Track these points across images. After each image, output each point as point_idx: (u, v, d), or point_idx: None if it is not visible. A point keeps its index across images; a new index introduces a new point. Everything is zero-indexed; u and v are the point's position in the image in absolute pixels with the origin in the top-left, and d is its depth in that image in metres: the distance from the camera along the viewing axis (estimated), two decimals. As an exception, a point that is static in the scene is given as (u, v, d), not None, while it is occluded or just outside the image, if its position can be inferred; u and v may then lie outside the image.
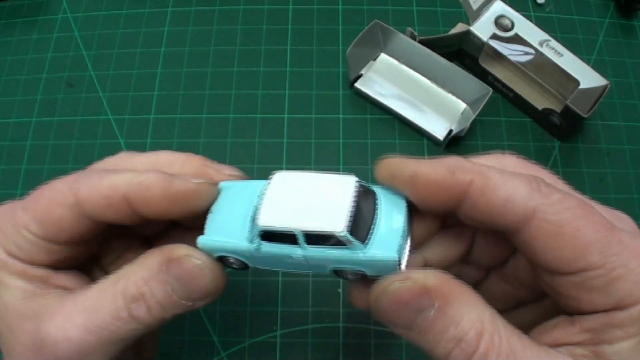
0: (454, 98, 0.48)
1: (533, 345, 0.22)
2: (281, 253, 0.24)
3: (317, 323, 0.42)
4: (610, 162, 0.47)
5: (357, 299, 0.27)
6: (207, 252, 0.25)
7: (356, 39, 0.46)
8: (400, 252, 0.23)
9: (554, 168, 0.46)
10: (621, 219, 0.25)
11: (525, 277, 0.26)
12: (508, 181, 0.22)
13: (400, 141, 0.47)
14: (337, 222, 0.23)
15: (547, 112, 0.46)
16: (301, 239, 0.23)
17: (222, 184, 0.27)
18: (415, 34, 0.46)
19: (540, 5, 0.53)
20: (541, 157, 0.47)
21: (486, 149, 0.47)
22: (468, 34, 0.46)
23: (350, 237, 0.23)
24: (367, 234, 0.23)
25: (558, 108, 0.45)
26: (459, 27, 0.48)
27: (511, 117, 0.48)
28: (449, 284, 0.22)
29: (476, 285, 0.28)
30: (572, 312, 0.23)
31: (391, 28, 0.47)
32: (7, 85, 0.50)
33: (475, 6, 0.46)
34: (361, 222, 0.23)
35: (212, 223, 0.26)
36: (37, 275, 0.26)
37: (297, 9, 0.53)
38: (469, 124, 0.45)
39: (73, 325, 0.24)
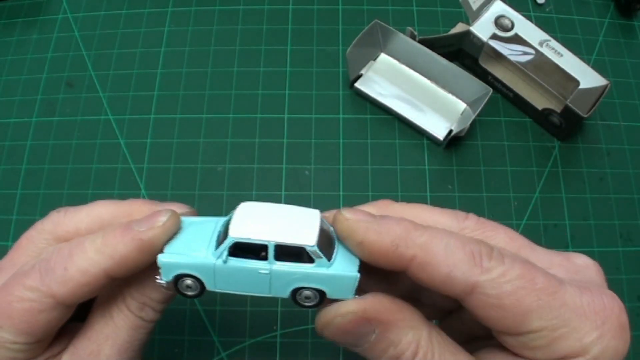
0: (454, 98, 0.48)
1: None
2: (248, 267, 0.25)
3: (317, 323, 0.42)
4: (610, 162, 0.47)
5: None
6: (166, 270, 0.25)
7: (356, 39, 0.46)
8: (360, 272, 0.25)
9: (554, 168, 0.46)
10: (580, 269, 0.26)
11: (477, 320, 0.28)
12: (450, 256, 0.23)
13: (400, 141, 0.47)
14: (309, 237, 0.24)
15: (547, 112, 0.46)
16: (271, 252, 0.24)
17: (184, 220, 0.27)
18: (415, 33, 0.46)
19: (540, 5, 0.53)
20: (541, 157, 0.47)
21: (486, 149, 0.47)
22: (468, 34, 0.46)
23: (319, 252, 0.24)
24: (331, 254, 0.25)
25: (558, 108, 0.45)
26: (459, 27, 0.48)
27: (511, 117, 0.48)
28: (388, 311, 0.24)
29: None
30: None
31: (391, 28, 0.47)
32: (7, 85, 0.50)
33: (475, 6, 0.46)
34: (325, 244, 0.25)
35: (172, 246, 0.25)
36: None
37: (297, 9, 0.53)
38: (469, 124, 0.45)
39: (107, 357, 0.26)
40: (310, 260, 0.24)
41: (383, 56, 0.50)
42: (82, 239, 0.26)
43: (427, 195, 0.45)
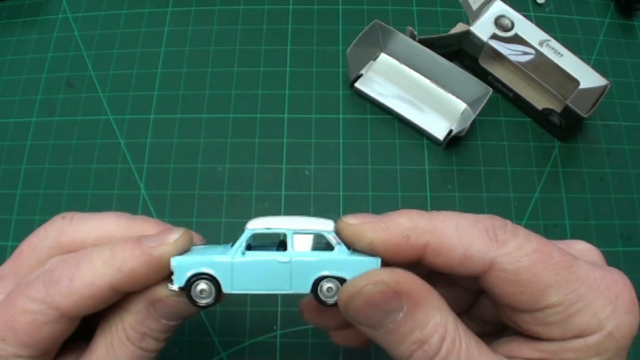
0: (454, 98, 0.48)
1: (489, 352, 0.24)
2: (267, 259, 0.24)
3: (317, 323, 0.42)
4: (610, 162, 0.47)
5: (308, 315, 0.29)
6: (180, 272, 0.24)
7: (356, 39, 0.46)
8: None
9: (554, 168, 0.46)
10: (582, 253, 0.26)
11: (488, 317, 0.28)
12: (464, 236, 0.23)
13: (400, 141, 0.47)
14: (326, 225, 0.25)
15: (547, 112, 0.46)
16: (290, 241, 0.24)
17: (192, 247, 0.27)
18: (415, 33, 0.46)
19: (540, 5, 0.53)
20: (541, 157, 0.47)
21: (486, 149, 0.47)
22: (468, 34, 0.46)
23: (338, 237, 0.24)
24: (350, 247, 0.25)
25: (558, 108, 0.45)
26: (459, 27, 0.48)
27: (511, 117, 0.48)
28: (418, 288, 0.23)
29: None
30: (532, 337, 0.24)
31: (391, 28, 0.47)
32: (7, 85, 0.50)
33: (475, 6, 0.46)
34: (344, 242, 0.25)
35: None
36: None
37: (297, 9, 0.53)
38: (469, 124, 0.45)
39: None
40: (330, 247, 0.24)
41: (383, 56, 0.50)
42: (89, 250, 0.25)
43: (427, 195, 0.45)
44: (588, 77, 0.43)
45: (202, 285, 0.24)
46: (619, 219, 0.45)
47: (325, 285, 0.24)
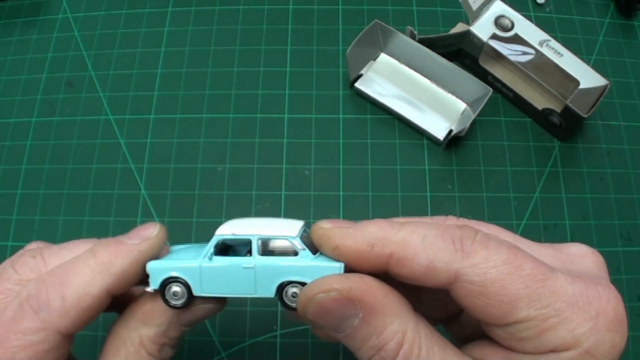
0: (454, 98, 0.48)
1: (455, 357, 0.23)
2: (233, 264, 0.25)
3: (317, 323, 0.42)
4: (610, 162, 0.47)
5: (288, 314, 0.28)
6: (155, 276, 0.25)
7: (356, 39, 0.46)
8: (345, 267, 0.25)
9: (554, 168, 0.46)
10: (575, 260, 0.25)
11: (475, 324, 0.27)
12: (429, 247, 0.23)
13: (400, 141, 0.47)
14: (291, 230, 0.25)
15: (547, 112, 0.46)
16: (255, 247, 0.25)
17: (172, 248, 0.29)
18: (415, 33, 0.46)
19: (540, 5, 0.53)
20: (541, 157, 0.47)
21: (486, 149, 0.47)
22: (468, 34, 0.46)
23: (301, 242, 0.25)
24: (316, 251, 0.25)
25: (558, 108, 0.45)
26: (459, 27, 0.48)
27: (511, 117, 0.48)
28: (374, 295, 0.23)
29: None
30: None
31: (391, 28, 0.47)
32: (7, 85, 0.50)
33: (475, 6, 0.46)
34: (309, 245, 0.25)
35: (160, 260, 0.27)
36: None
37: (297, 9, 0.53)
38: (468, 124, 0.45)
39: None
40: (294, 253, 0.25)
41: (383, 56, 0.50)
42: (67, 264, 0.24)
43: (427, 195, 0.45)
44: (588, 77, 0.43)
45: (175, 288, 0.25)
46: (619, 219, 0.45)
47: (290, 290, 0.25)
